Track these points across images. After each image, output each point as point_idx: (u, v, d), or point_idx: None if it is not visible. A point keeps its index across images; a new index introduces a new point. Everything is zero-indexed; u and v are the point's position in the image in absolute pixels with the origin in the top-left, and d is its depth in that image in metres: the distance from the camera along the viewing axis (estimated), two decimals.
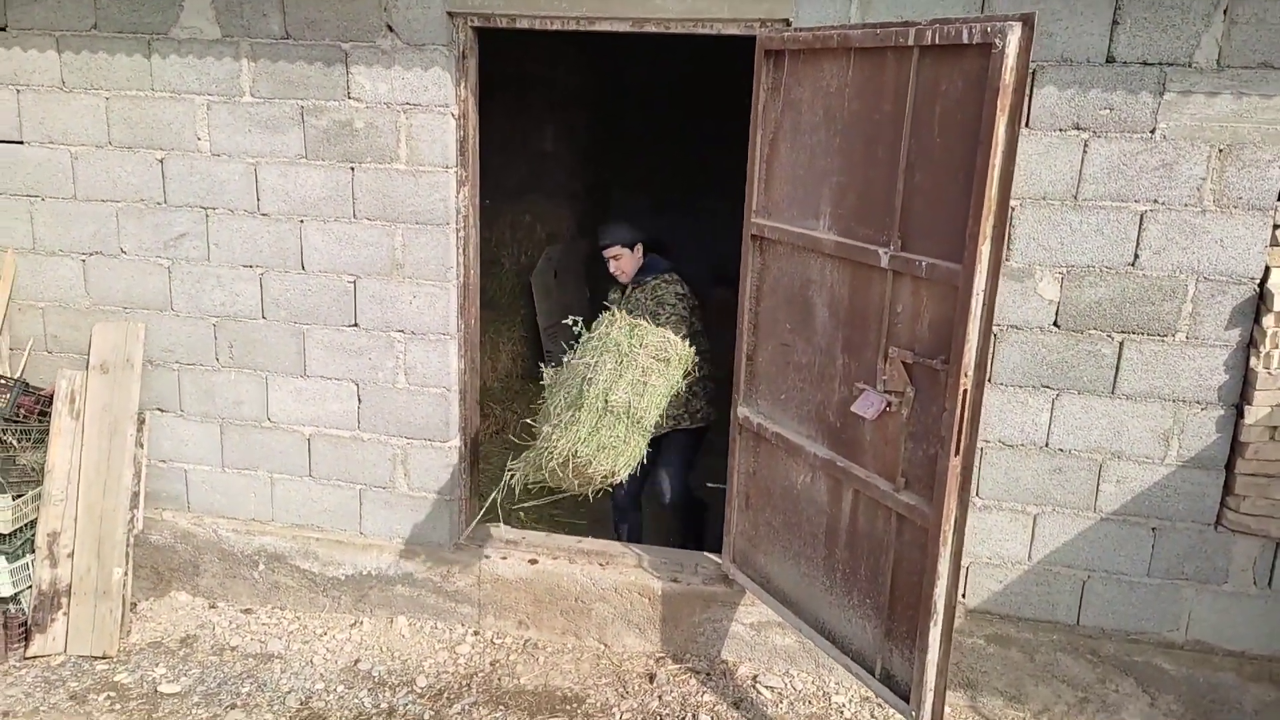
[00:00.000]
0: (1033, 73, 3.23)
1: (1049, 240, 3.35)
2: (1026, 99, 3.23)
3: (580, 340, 3.63)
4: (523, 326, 6.58)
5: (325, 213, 3.94)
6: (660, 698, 3.74)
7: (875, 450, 3.15)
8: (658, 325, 3.69)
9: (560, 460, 3.34)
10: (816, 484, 3.42)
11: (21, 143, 4.05)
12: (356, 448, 4.15)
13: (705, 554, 4.14)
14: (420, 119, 3.75)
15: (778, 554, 3.65)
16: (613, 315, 3.62)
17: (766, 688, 3.81)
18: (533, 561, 4.13)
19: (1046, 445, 3.52)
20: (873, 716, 3.67)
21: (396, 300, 3.97)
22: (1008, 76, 2.54)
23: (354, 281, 4.00)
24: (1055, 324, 3.41)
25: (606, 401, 3.36)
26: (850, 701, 3.74)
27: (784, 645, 3.92)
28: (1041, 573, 3.63)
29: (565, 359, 3.63)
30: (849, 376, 3.22)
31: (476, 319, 4.12)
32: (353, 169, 3.86)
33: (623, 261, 4.24)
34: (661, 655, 4.01)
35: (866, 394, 3.09)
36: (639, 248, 4.26)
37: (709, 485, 5.69)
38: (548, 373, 3.66)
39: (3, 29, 3.96)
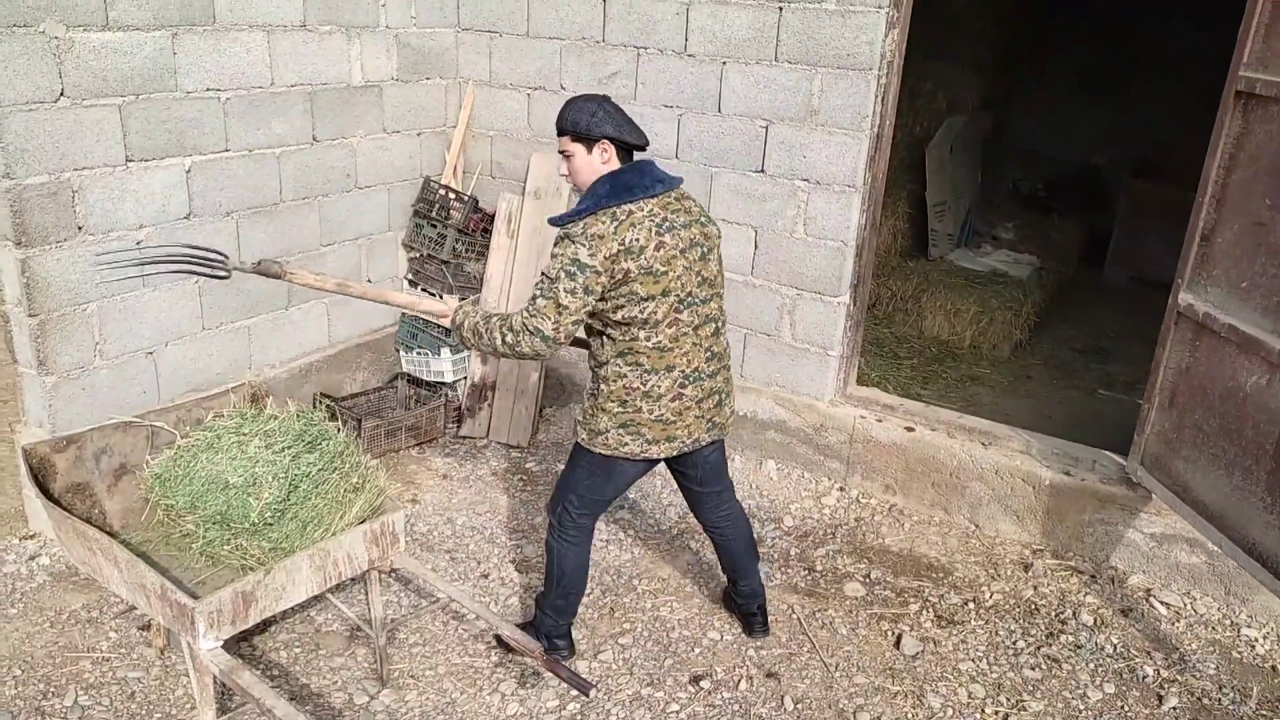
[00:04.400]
0: None
1: None
2: None
3: None
4: (908, 202, 6.29)
5: (747, 54, 3.96)
6: (1035, 588, 3.55)
7: None
8: (536, 292, 2.56)
9: None
10: (1274, 387, 2.95)
11: None
12: (747, 293, 4.26)
13: (1105, 451, 3.78)
14: None
15: (1204, 462, 3.24)
16: None
17: (1161, 603, 3.47)
18: (909, 429, 4.05)
19: None
20: None
21: (806, 148, 3.94)
22: None
23: (766, 127, 4.01)
24: None
25: None
26: (1266, 637, 3.30)
27: (1189, 563, 3.52)
28: None
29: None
30: None
31: (884, 174, 3.99)
32: (780, 9, 3.82)
33: (573, 164, 2.66)
34: (1039, 548, 3.79)
35: None
36: (602, 146, 2.60)
37: (1100, 393, 5.19)
38: None
39: None
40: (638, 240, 2.54)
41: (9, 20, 3.00)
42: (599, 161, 2.63)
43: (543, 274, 2.58)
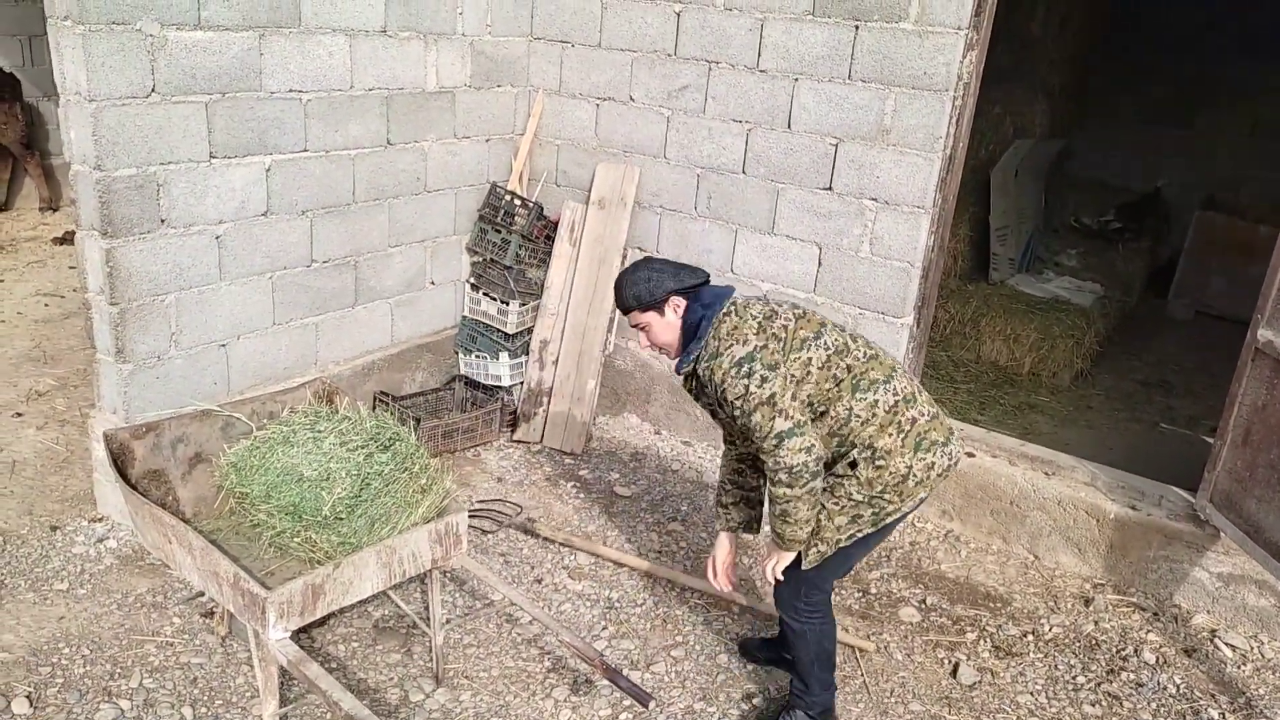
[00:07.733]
0: None
1: None
2: None
3: None
4: (969, 224, 6.22)
5: (820, 72, 3.95)
6: (1096, 623, 3.48)
7: None
8: (749, 431, 2.43)
9: None
10: None
11: None
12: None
13: (1174, 487, 3.70)
14: None
15: (1279, 502, 3.16)
16: None
17: (1227, 645, 3.38)
18: (969, 455, 3.99)
19: None
20: None
21: (875, 167, 3.92)
22: None
23: (835, 144, 4.00)
24: None
25: None
26: None
27: (1258, 606, 3.42)
28: None
29: None
30: None
31: (954, 196, 3.95)
32: (856, 27, 3.81)
33: (653, 333, 2.62)
34: (1100, 582, 3.71)
35: None
36: (673, 304, 2.57)
37: (1162, 427, 5.07)
38: None
39: None
40: (760, 311, 2.52)
41: (108, 17, 3.09)
42: (674, 316, 2.58)
43: (741, 413, 2.43)
